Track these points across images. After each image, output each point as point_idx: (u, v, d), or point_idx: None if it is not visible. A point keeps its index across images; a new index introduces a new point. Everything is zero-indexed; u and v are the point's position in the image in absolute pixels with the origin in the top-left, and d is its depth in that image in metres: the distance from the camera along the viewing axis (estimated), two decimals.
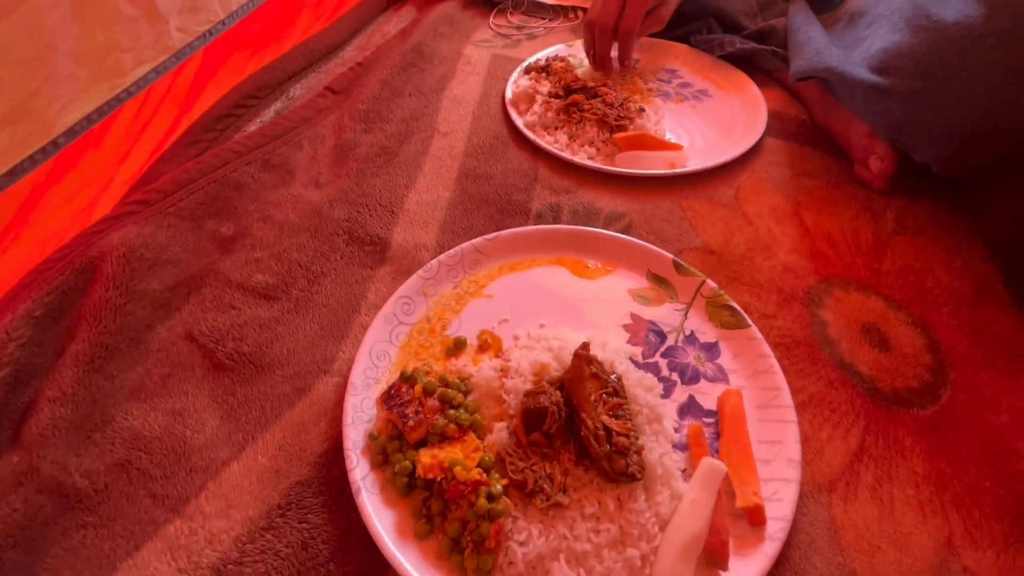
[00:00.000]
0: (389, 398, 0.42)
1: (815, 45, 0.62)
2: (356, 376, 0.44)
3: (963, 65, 0.46)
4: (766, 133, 0.70)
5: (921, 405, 0.46)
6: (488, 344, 0.48)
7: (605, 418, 0.38)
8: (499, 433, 0.40)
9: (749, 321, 0.48)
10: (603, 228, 0.59)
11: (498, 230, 0.57)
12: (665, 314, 0.51)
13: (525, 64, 0.80)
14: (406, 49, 0.86)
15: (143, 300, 0.50)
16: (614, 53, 0.76)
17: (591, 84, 0.72)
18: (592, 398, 0.39)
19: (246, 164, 0.64)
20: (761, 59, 0.78)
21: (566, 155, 0.67)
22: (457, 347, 0.48)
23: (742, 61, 0.79)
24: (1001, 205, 0.53)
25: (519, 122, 0.71)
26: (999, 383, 0.47)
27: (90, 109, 0.55)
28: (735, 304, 0.50)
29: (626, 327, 0.50)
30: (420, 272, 0.52)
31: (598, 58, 0.75)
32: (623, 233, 0.57)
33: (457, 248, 0.54)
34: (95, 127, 0.56)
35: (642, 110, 0.70)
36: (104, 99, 0.56)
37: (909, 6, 0.50)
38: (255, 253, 0.56)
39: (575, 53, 0.85)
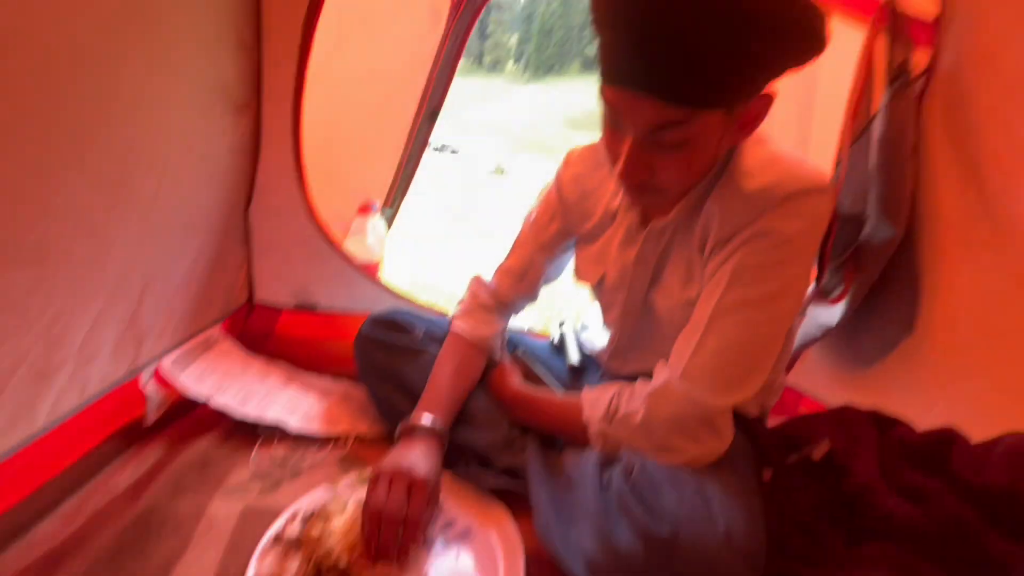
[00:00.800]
0: None
1: (543, 517, 0.70)
2: None
3: None
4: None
5: None
6: None
7: None
8: None
9: None
10: None
11: None
12: None
13: (274, 530, 0.74)
14: (134, 515, 0.75)
15: None
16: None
17: (344, 562, 0.68)
18: None
19: None
20: (517, 490, 0.85)
21: None
22: None
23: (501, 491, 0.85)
24: None
25: None
26: None
27: None
28: None
29: None
30: None
31: (381, 549, 0.68)
32: None
33: None
34: None
35: None
36: None
37: (596, 514, 0.62)
38: None
39: (340, 494, 0.82)
